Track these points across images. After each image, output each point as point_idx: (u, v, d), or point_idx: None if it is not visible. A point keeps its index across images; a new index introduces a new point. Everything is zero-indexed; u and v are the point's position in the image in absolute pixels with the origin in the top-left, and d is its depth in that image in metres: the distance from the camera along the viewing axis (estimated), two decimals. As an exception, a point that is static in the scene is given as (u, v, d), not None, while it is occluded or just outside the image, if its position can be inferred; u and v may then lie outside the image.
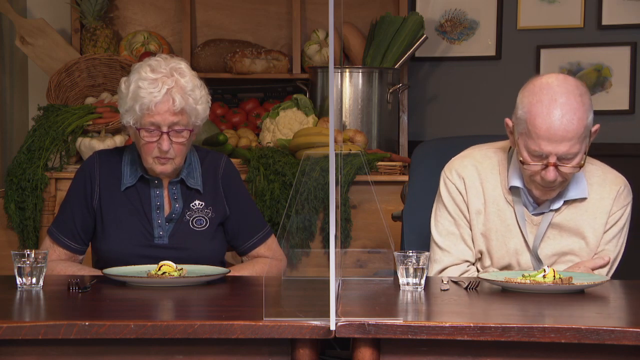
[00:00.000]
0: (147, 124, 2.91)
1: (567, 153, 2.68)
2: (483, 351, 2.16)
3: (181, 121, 2.91)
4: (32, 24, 4.86)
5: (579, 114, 2.67)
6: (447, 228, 2.89)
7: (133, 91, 2.91)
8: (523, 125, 2.71)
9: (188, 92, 2.92)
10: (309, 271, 4.21)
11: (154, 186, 3.01)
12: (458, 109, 5.11)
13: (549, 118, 2.66)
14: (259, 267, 3.06)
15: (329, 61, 3.54)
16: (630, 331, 2.11)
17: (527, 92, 2.74)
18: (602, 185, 2.85)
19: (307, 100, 4.66)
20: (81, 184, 3.04)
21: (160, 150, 2.91)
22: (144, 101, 2.89)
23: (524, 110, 2.71)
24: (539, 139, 2.67)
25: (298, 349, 2.16)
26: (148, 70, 2.92)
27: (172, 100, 2.89)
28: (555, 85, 2.70)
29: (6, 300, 2.47)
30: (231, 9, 5.12)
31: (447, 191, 2.91)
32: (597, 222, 2.83)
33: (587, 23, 4.90)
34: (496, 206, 2.86)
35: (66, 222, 3.04)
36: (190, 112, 2.93)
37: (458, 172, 2.90)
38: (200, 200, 3.03)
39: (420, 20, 4.79)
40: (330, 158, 2.12)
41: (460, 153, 2.96)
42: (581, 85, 2.72)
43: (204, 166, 3.07)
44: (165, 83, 2.90)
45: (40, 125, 4.43)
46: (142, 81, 2.90)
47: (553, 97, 2.68)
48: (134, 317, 2.23)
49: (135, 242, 2.97)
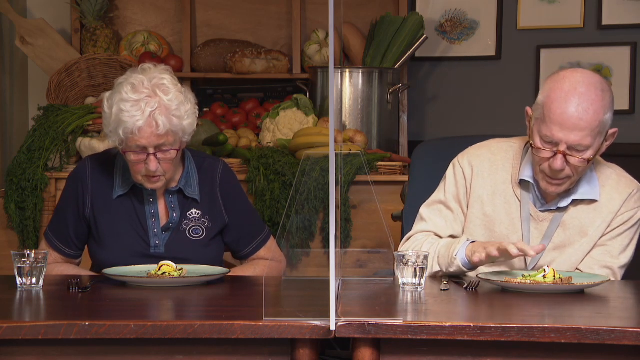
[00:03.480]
0: (132, 147, 2.82)
1: (577, 144, 2.68)
2: (483, 351, 2.16)
3: (167, 141, 2.82)
4: (32, 24, 4.86)
5: (596, 106, 2.67)
6: (436, 203, 2.93)
7: (115, 114, 2.80)
8: (540, 110, 2.72)
9: (172, 112, 2.80)
10: (309, 271, 4.21)
11: (148, 194, 2.96)
12: (458, 109, 5.11)
13: (565, 104, 2.67)
14: (259, 269, 3.05)
15: (329, 61, 3.54)
16: (630, 331, 2.11)
17: (551, 80, 2.75)
18: (615, 188, 2.84)
19: (307, 100, 4.66)
20: (73, 192, 2.99)
21: (148, 170, 2.84)
22: (126, 125, 2.77)
23: (543, 95, 2.73)
24: (552, 124, 2.68)
25: (298, 349, 2.16)
26: (129, 89, 2.79)
27: (156, 123, 2.77)
28: (579, 75, 2.72)
29: (6, 300, 2.47)
30: (231, 9, 5.12)
31: (453, 174, 2.93)
32: (602, 221, 2.82)
33: (587, 23, 4.90)
34: (503, 198, 2.86)
35: (60, 228, 3.01)
36: (177, 131, 2.82)
37: (469, 160, 2.92)
38: (197, 210, 2.99)
39: (420, 20, 4.79)
40: (330, 158, 2.12)
41: (479, 143, 2.98)
42: (605, 83, 2.73)
43: (201, 174, 3.01)
44: (149, 104, 2.78)
45: (40, 125, 4.43)
46: (124, 103, 2.78)
47: (574, 85, 2.69)
48: (134, 317, 2.23)
49: (131, 252, 2.94)
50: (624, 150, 4.82)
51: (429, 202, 2.95)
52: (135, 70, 2.87)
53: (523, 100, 4.97)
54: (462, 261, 2.73)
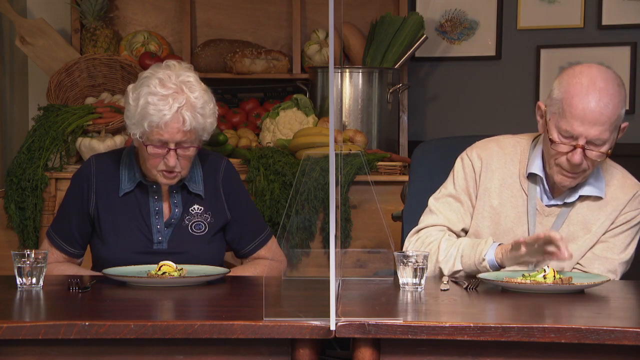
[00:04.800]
0: (154, 141, 2.85)
1: (597, 138, 2.70)
2: (483, 351, 2.16)
3: (189, 139, 2.86)
4: (32, 24, 4.86)
5: (615, 101, 2.70)
6: (445, 196, 2.93)
7: (142, 106, 2.83)
8: (558, 105, 2.73)
9: (198, 110, 2.86)
10: (309, 271, 4.21)
11: (153, 192, 2.99)
12: (458, 109, 5.11)
13: (586, 98, 2.68)
14: (260, 269, 3.06)
15: (329, 61, 3.54)
16: (630, 331, 2.11)
17: (567, 75, 2.76)
18: (620, 188, 2.86)
19: (307, 100, 4.66)
20: (78, 190, 3.01)
21: (167, 165, 2.88)
22: (152, 119, 2.81)
23: (561, 90, 2.73)
24: (572, 119, 2.69)
25: (298, 349, 2.16)
26: (157, 83, 2.83)
27: (183, 119, 2.82)
28: (596, 70, 2.74)
29: (6, 300, 2.48)
30: (231, 9, 5.12)
31: (461, 166, 2.94)
32: (605, 218, 2.84)
33: (587, 23, 4.90)
34: (510, 192, 2.87)
35: (63, 226, 3.03)
36: (199, 129, 2.88)
37: (478, 153, 2.93)
38: (200, 205, 3.00)
39: (420, 20, 4.79)
40: (330, 158, 2.12)
41: (487, 138, 3.00)
42: (620, 79, 2.77)
43: (205, 169, 3.04)
44: (176, 100, 2.82)
45: (40, 125, 4.43)
46: (151, 96, 2.82)
47: (593, 80, 2.71)
48: (134, 317, 2.23)
49: (134, 248, 2.95)
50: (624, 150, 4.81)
51: (437, 195, 2.95)
52: (160, 65, 2.92)
53: (523, 100, 4.97)
54: (491, 262, 2.75)
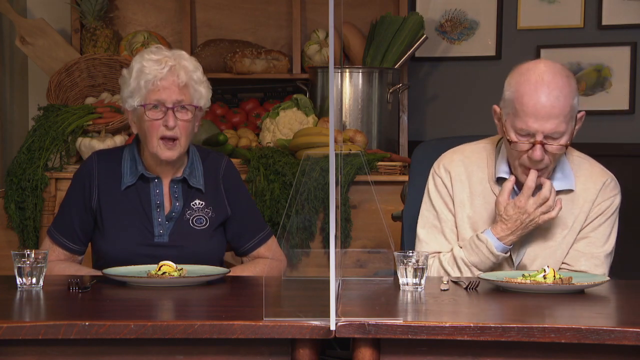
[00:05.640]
0: (152, 101, 2.93)
1: (554, 131, 2.73)
2: (483, 351, 2.16)
3: (185, 99, 2.95)
4: (32, 24, 4.86)
5: (565, 92, 2.73)
6: (430, 221, 2.95)
7: (137, 70, 2.96)
8: (511, 106, 2.77)
9: (191, 71, 2.97)
10: (309, 271, 4.21)
11: (154, 185, 3.02)
12: (458, 109, 5.11)
13: (535, 95, 2.72)
14: (259, 268, 3.07)
15: (329, 61, 3.54)
16: (630, 331, 2.11)
17: (515, 74, 2.81)
18: (589, 177, 2.89)
19: (307, 100, 4.66)
20: (79, 185, 3.04)
21: (167, 128, 2.93)
22: (148, 77, 2.94)
23: (511, 90, 2.78)
24: (526, 117, 2.73)
25: (298, 349, 2.16)
26: (151, 53, 2.99)
27: (177, 74, 2.95)
28: (542, 66, 2.78)
29: (6, 300, 2.47)
30: (231, 9, 5.12)
31: (433, 184, 2.97)
32: (580, 211, 2.87)
33: (587, 23, 4.90)
34: (483, 199, 2.90)
35: (65, 223, 3.04)
36: (194, 88, 2.98)
37: (445, 166, 2.96)
38: (201, 200, 3.03)
39: (420, 20, 4.79)
40: (330, 158, 2.12)
41: (451, 149, 3.03)
42: (567, 70, 2.80)
43: (206, 166, 3.07)
44: (169, 61, 2.96)
45: (40, 125, 4.43)
46: (146, 61, 2.96)
47: (540, 76, 2.74)
48: (134, 317, 2.22)
49: (136, 240, 2.98)
50: (624, 150, 4.83)
51: (422, 222, 2.97)
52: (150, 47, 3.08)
53: (523, 100, 4.97)
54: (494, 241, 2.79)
